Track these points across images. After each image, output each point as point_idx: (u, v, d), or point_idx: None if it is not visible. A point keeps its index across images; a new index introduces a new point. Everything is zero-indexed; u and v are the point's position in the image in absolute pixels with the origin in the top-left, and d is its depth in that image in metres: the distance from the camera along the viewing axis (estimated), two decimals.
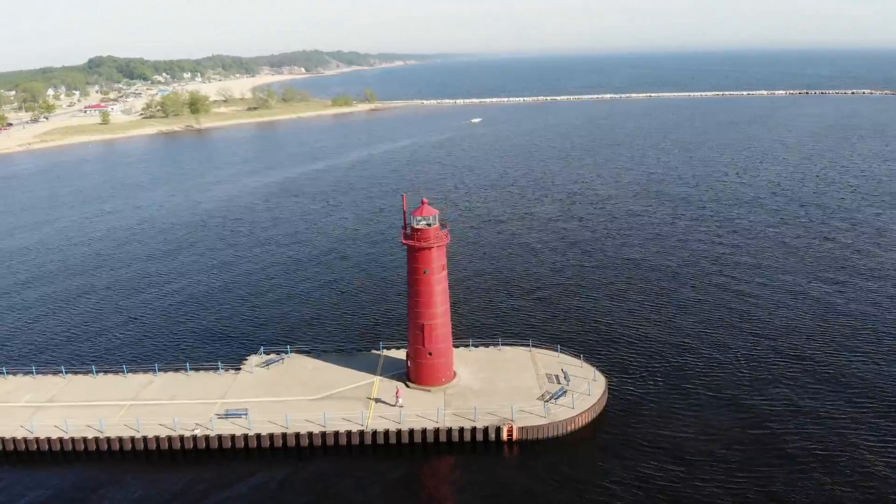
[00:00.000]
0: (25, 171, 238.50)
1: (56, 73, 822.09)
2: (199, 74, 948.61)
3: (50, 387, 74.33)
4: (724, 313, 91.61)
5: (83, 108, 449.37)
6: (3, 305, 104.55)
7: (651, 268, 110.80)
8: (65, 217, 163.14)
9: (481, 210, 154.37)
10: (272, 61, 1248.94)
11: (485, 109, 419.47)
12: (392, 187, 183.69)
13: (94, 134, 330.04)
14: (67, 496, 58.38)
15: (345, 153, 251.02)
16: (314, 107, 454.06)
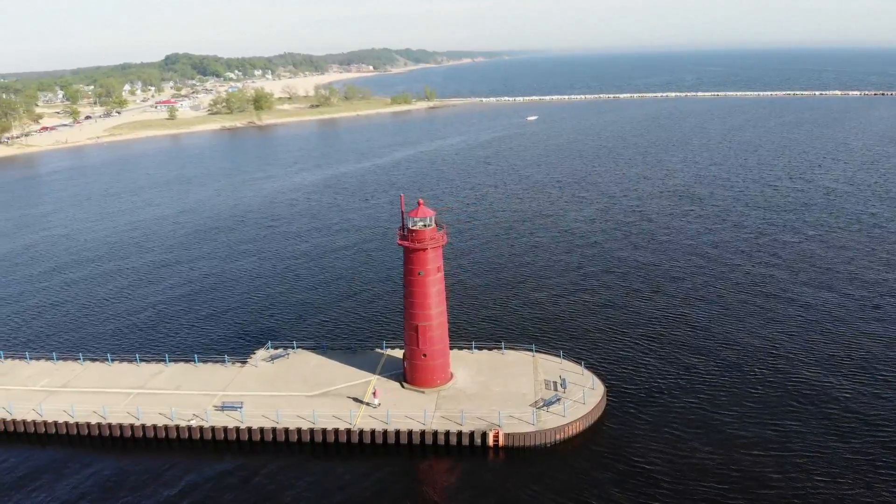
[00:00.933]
0: (89, 164, 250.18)
1: (134, 69, 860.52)
2: (270, 72, 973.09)
3: (66, 373, 77.76)
4: (745, 331, 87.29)
5: (154, 103, 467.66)
6: (36, 291, 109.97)
7: (672, 278, 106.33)
8: (113, 208, 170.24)
9: (512, 210, 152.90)
10: (341, 59, 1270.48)
11: (544, 107, 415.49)
12: (431, 186, 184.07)
13: (161, 129, 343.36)
14: (63, 476, 60.91)
15: (393, 151, 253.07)
16: (374, 104, 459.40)
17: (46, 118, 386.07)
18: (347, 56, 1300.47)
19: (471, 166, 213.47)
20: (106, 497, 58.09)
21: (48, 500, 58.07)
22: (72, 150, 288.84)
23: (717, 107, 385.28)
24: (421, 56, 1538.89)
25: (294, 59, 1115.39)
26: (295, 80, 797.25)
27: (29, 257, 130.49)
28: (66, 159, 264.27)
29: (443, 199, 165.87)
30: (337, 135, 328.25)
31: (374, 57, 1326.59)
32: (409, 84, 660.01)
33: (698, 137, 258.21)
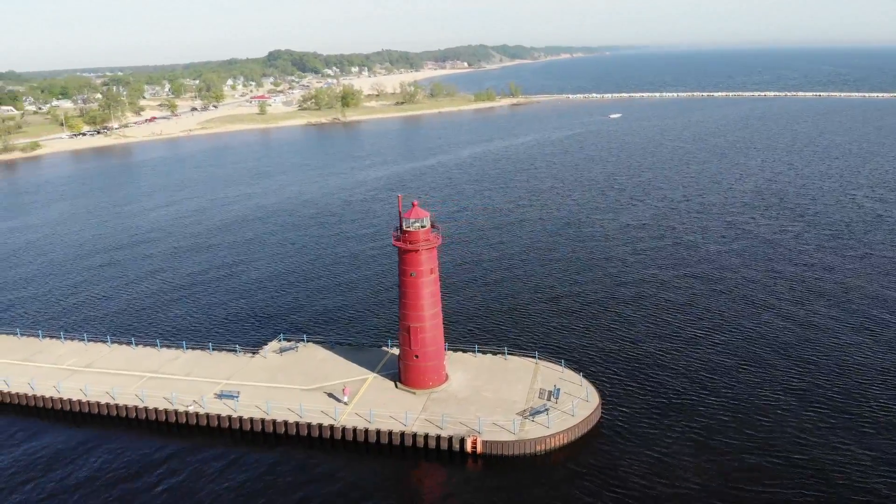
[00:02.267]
0: (176, 155, 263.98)
1: (239, 64, 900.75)
2: (367, 69, 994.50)
3: (93, 354, 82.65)
4: (760, 352, 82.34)
5: (249, 98, 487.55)
6: (88, 274, 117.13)
7: (696, 294, 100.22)
8: (180, 197, 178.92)
9: (556, 212, 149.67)
10: (437, 56, 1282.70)
11: (630, 105, 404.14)
12: (483, 185, 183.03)
13: (250, 123, 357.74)
14: (63, 450, 64.90)
15: (462, 149, 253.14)
16: (458, 102, 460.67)
17: (148, 111, 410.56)
18: (443, 53, 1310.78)
19: (533, 165, 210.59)
20: (93, 474, 61.45)
21: (32, 472, 62.08)
22: (165, 142, 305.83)
23: (815, 108, 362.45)
24: (517, 52, 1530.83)
25: (390, 57, 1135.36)
26: (388, 77, 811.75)
27: (91, 242, 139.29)
28: (158, 150, 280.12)
29: (490, 199, 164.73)
30: (413, 132, 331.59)
31: (470, 53, 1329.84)
32: (500, 80, 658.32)
33: (785, 140, 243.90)
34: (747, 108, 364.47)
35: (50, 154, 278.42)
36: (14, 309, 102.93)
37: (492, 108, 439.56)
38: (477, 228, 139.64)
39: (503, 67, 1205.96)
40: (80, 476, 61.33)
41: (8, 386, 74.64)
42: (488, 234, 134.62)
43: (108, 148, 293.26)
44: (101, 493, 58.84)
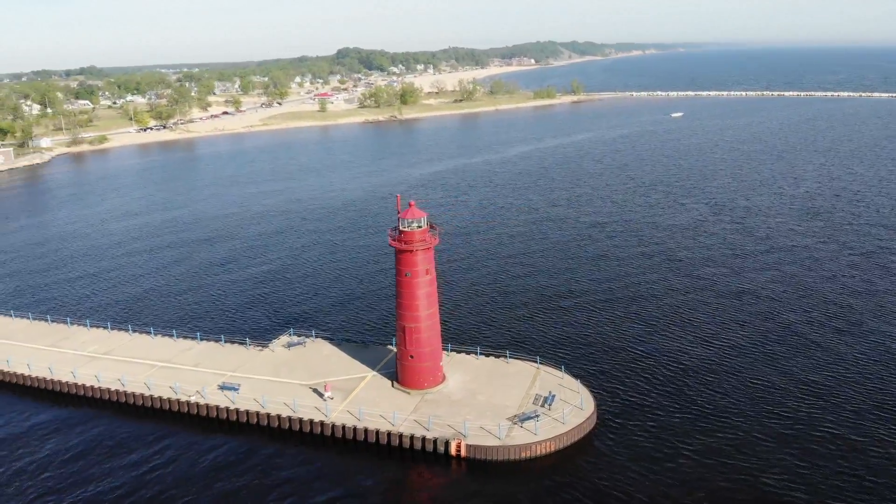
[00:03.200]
0: (235, 150, 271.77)
1: (309, 62, 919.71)
2: (433, 66, 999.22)
3: (114, 341, 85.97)
4: (768, 370, 78.63)
5: (313, 95, 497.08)
6: (122, 263, 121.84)
7: (717, 311, 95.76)
8: (226, 194, 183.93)
9: (589, 213, 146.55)
10: (504, 53, 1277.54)
11: (695, 104, 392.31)
12: (524, 185, 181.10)
13: (310, 120, 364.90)
14: (66, 430, 67.83)
15: (511, 147, 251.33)
16: (517, 99, 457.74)
17: (215, 106, 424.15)
18: (511, 50, 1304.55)
19: (580, 165, 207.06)
20: (96, 456, 64.00)
21: (43, 453, 65.02)
22: (226, 137, 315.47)
23: (890, 110, 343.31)
24: (587, 48, 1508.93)
25: (457, 54, 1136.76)
26: (452, 74, 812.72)
27: (133, 232, 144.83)
28: (218, 145, 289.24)
29: (526, 199, 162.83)
30: (467, 129, 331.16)
31: (538, 50, 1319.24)
32: (566, 77, 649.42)
33: (850, 144, 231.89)
34: (816, 109, 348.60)
35: (116, 147, 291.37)
36: (49, 294, 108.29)
37: (551, 105, 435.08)
38: (504, 228, 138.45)
39: (571, 64, 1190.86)
40: (75, 451, 64.31)
41: (29, 370, 78.47)
42: (514, 234, 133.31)
43: (172, 142, 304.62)
44: (89, 468, 61.71)
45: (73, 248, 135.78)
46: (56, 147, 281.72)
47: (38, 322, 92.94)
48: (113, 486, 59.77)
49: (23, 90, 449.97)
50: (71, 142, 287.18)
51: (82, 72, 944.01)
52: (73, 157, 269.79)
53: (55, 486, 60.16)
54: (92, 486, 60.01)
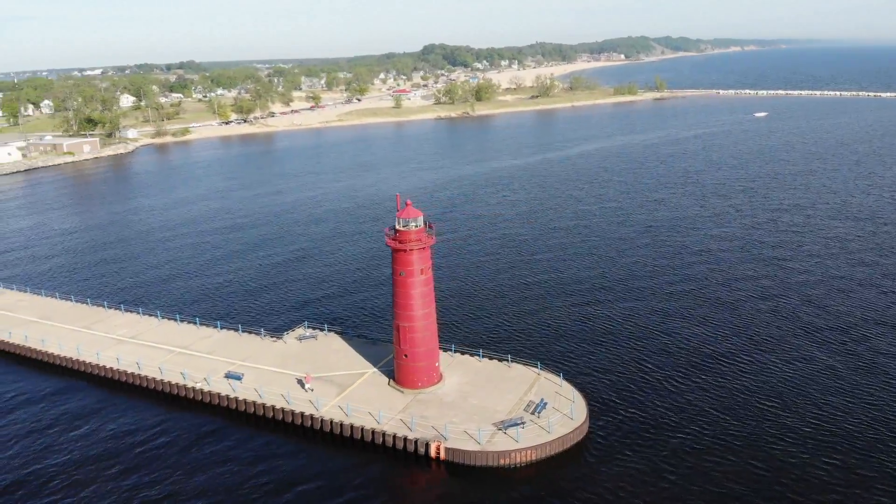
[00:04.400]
0: (308, 145, 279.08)
1: (396, 58, 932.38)
2: (518, 62, 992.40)
3: (143, 326, 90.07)
4: (772, 389, 73.66)
5: (390, 91, 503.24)
6: (162, 251, 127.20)
7: (738, 329, 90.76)
8: (286, 188, 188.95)
9: (635, 218, 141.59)
10: (593, 48, 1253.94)
11: (784, 103, 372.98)
12: (576, 185, 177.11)
13: (384, 116, 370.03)
14: (85, 410, 71.63)
15: (576, 145, 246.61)
16: (597, 95, 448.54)
17: (297, 101, 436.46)
18: (600, 45, 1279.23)
19: (642, 166, 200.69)
20: (98, 432, 67.42)
21: (48, 421, 68.94)
22: (301, 132, 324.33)
23: None
24: (681, 44, 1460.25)
25: (543, 49, 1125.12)
26: (537, 70, 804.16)
27: (186, 221, 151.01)
28: (292, 140, 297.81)
29: (575, 199, 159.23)
30: (536, 126, 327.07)
31: (629, 45, 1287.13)
32: (654, 73, 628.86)
33: None
34: None
35: (197, 139, 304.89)
36: (94, 277, 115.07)
37: (632, 102, 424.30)
38: (540, 228, 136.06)
39: (663, 60, 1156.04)
40: (84, 430, 67.82)
41: (60, 349, 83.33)
42: (548, 235, 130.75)
43: (250, 136, 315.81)
44: (90, 445, 64.95)
45: (129, 234, 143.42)
46: (141, 138, 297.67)
47: (79, 304, 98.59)
48: (90, 456, 64.13)
49: (121, 83, 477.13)
50: (155, 133, 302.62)
51: (182, 66, 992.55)
52: (156, 148, 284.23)
53: (42, 453, 64.35)
54: (69, 454, 63.98)
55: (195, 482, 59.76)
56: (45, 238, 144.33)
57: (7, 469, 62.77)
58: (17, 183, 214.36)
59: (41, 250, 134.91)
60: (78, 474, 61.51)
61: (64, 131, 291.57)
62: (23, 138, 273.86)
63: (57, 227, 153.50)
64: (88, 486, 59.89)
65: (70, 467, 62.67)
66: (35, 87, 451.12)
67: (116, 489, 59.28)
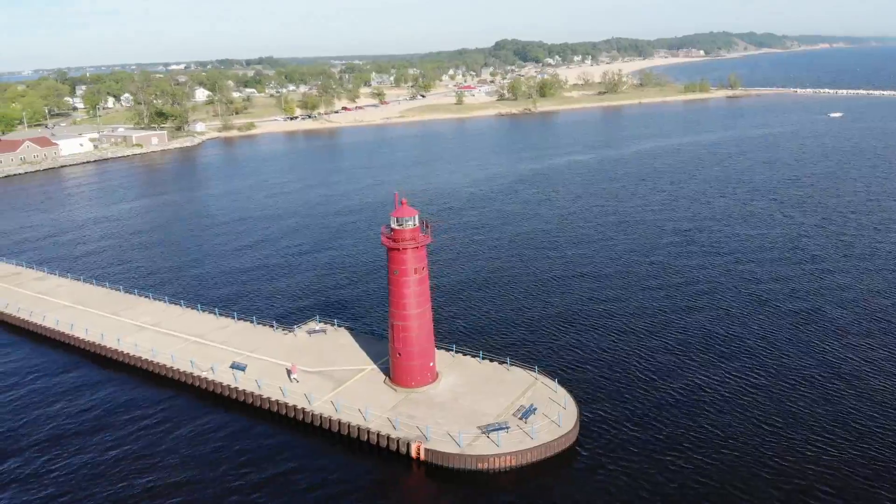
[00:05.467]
0: (364, 142, 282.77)
1: (468, 54, 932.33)
2: (591, 57, 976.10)
3: (165, 314, 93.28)
4: (775, 408, 69.46)
5: (456, 88, 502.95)
6: (199, 241, 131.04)
7: (759, 348, 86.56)
8: (335, 183, 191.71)
9: (672, 222, 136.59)
10: (672, 44, 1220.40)
11: (862, 104, 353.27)
12: (620, 185, 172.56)
13: (445, 113, 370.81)
14: (93, 391, 74.83)
15: (633, 143, 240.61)
16: (666, 92, 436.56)
17: (363, 98, 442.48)
18: (679, 41, 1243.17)
19: (698, 167, 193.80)
20: (108, 416, 70.38)
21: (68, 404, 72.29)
22: (362, 128, 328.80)
23: None
24: (765, 40, 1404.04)
25: (619, 45, 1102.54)
26: (610, 65, 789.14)
27: (233, 213, 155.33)
28: (352, 135, 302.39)
29: (612, 201, 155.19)
30: (597, 124, 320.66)
31: (709, 41, 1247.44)
32: (734, 70, 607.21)
33: None
34: None
35: (261, 133, 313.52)
36: (132, 264, 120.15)
37: (703, 99, 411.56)
38: (566, 229, 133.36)
39: (745, 57, 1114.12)
40: (84, 406, 71.18)
41: (85, 334, 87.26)
42: (574, 236, 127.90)
43: (313, 131, 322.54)
44: (87, 420, 67.84)
45: (174, 224, 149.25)
46: (208, 131, 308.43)
47: (113, 291, 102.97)
48: (84, 430, 67.62)
49: (198, 77, 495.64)
50: (222, 127, 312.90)
51: (261, 62, 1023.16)
52: (222, 142, 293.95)
53: (40, 425, 67.67)
54: (62, 426, 66.83)
55: (176, 462, 62.14)
56: (96, 225, 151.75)
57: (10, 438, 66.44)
58: (87, 172, 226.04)
59: (90, 237, 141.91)
60: (69, 442, 65.28)
61: (136, 124, 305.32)
62: (97, 130, 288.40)
63: (110, 215, 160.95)
64: (77, 454, 63.99)
65: (67, 435, 66.62)
66: (116, 80, 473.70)
67: (103, 461, 62.63)
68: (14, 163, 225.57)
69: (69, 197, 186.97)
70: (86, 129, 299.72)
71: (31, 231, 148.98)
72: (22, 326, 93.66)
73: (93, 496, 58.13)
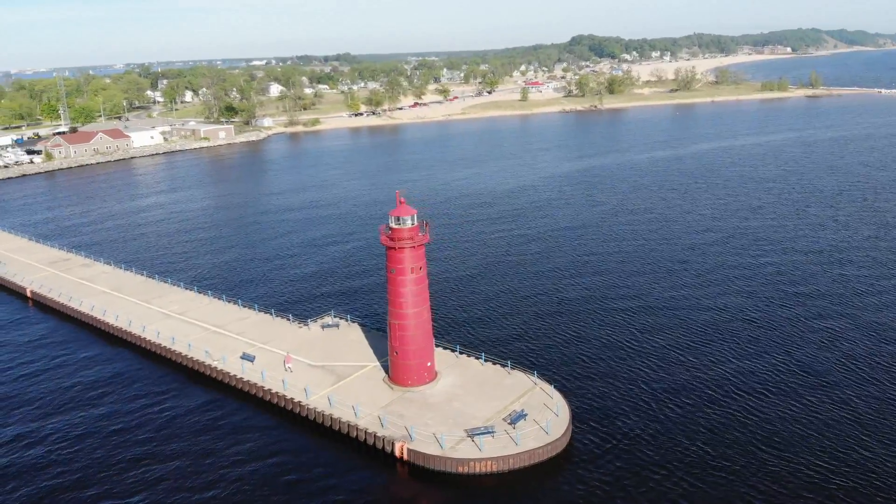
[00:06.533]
0: (421, 138, 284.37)
1: (543, 50, 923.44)
2: (670, 53, 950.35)
3: (193, 304, 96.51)
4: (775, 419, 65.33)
5: (524, 84, 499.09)
6: (242, 233, 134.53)
7: (774, 364, 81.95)
8: (379, 178, 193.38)
9: (713, 229, 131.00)
10: (757, 40, 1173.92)
11: None
12: (665, 189, 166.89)
13: (508, 110, 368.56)
14: (113, 375, 78.28)
15: (694, 143, 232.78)
16: (742, 90, 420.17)
17: (428, 94, 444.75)
18: (765, 37, 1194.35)
19: (754, 169, 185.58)
20: (120, 393, 73.58)
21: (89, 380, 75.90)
22: (423, 125, 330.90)
23: None
24: (856, 37, 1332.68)
25: (700, 40, 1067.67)
26: (691, 62, 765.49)
27: (279, 207, 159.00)
28: (413, 132, 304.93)
29: (668, 205, 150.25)
30: (662, 122, 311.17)
31: (797, 38, 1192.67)
32: (821, 68, 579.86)
33: None
34: None
35: (325, 129, 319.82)
36: (172, 254, 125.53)
37: (781, 99, 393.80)
38: (598, 233, 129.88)
39: (834, 55, 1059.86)
40: (102, 391, 74.32)
41: (115, 320, 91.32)
42: (605, 241, 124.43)
43: (376, 127, 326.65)
44: (99, 404, 71.18)
45: (222, 215, 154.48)
46: (275, 126, 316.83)
47: (149, 279, 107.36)
48: (97, 414, 70.38)
49: (273, 73, 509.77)
50: (288, 122, 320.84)
51: (338, 58, 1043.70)
52: (287, 137, 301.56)
53: (57, 406, 71.51)
54: (77, 407, 70.71)
55: (171, 445, 64.56)
56: (148, 214, 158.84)
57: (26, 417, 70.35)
58: (155, 163, 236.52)
59: (141, 226, 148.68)
60: (73, 428, 68.31)
61: (205, 118, 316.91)
62: (169, 123, 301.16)
63: (165, 205, 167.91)
64: (76, 426, 68.00)
65: (74, 416, 70.13)
66: (196, 75, 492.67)
67: (95, 432, 66.22)
68: (87, 153, 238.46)
69: (132, 187, 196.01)
70: (158, 122, 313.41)
71: (87, 218, 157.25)
72: (62, 311, 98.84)
73: (77, 460, 62.20)
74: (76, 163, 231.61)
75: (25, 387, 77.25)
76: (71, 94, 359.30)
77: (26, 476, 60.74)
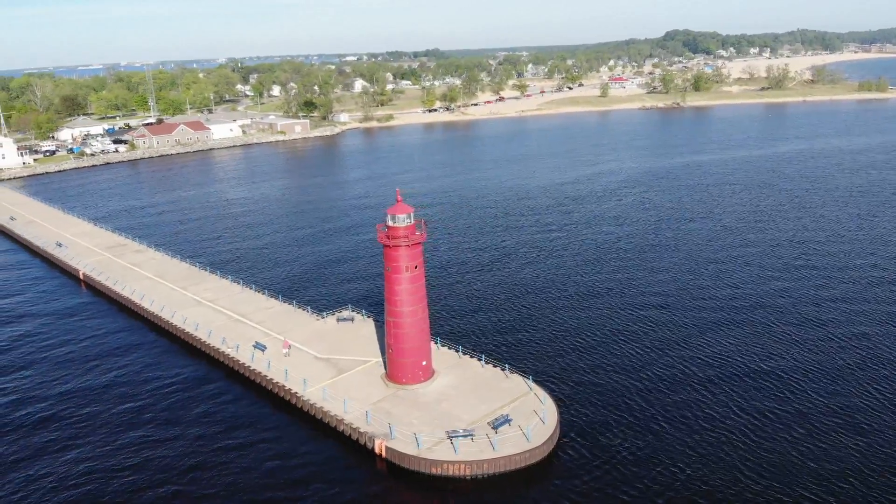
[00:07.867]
0: (488, 134, 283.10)
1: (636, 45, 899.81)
2: (770, 50, 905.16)
3: (225, 292, 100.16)
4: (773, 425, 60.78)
5: (608, 80, 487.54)
6: (289, 225, 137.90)
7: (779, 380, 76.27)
8: (435, 174, 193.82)
9: (739, 232, 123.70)
10: (865, 38, 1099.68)
11: None
12: (707, 193, 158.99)
13: (585, 106, 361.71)
14: (137, 355, 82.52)
15: (768, 145, 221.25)
16: (838, 90, 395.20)
17: (507, 90, 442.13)
18: (874, 34, 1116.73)
19: (821, 176, 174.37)
20: (144, 371, 77.53)
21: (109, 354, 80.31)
22: (496, 121, 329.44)
23: None
24: None
25: (804, 37, 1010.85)
26: (793, 59, 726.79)
27: (328, 200, 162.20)
28: (487, 128, 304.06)
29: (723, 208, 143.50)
30: (745, 121, 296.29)
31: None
32: None
33: None
34: None
35: (399, 125, 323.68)
36: (220, 242, 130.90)
37: (881, 100, 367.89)
38: (634, 237, 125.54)
39: None
40: (120, 367, 78.43)
41: (150, 305, 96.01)
42: (639, 246, 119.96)
43: (448, 123, 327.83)
44: (114, 381, 74.95)
45: (277, 207, 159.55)
46: (351, 122, 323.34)
47: (191, 267, 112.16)
48: (113, 394, 73.66)
49: (359, 69, 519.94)
50: (363, 118, 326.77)
51: (427, 54, 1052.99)
52: (362, 132, 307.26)
53: (76, 380, 75.43)
54: (94, 380, 74.09)
55: (172, 426, 67.53)
56: (210, 203, 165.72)
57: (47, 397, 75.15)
58: (232, 155, 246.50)
59: (199, 214, 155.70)
60: (82, 399, 72.67)
61: (284, 112, 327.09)
62: (249, 117, 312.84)
63: (232, 196, 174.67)
64: (91, 405, 71.95)
65: (85, 391, 74.76)
66: (284, 70, 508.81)
67: (112, 417, 69.29)
68: (169, 144, 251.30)
69: (204, 176, 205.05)
70: (241, 115, 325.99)
71: (152, 206, 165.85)
72: (108, 294, 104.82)
73: (83, 436, 65.61)
74: (157, 153, 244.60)
75: (33, 359, 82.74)
76: (165, 88, 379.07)
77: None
